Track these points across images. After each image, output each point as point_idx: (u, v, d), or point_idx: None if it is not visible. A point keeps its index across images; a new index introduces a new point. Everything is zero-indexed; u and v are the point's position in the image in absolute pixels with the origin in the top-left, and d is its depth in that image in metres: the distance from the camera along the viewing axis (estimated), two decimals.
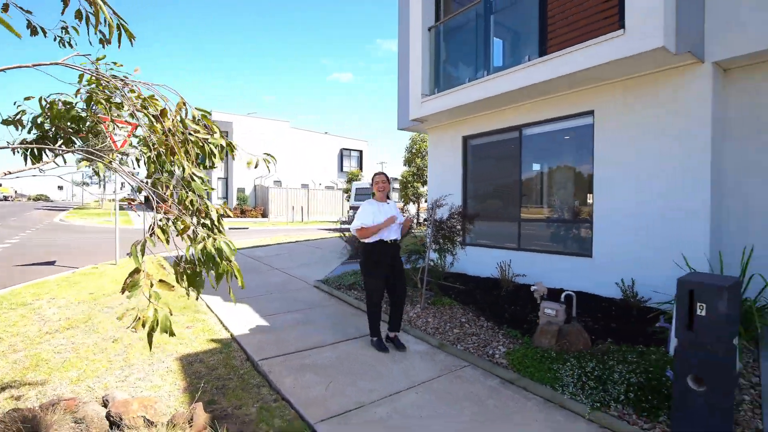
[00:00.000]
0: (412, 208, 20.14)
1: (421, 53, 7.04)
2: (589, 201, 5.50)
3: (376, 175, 4.15)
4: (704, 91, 4.38)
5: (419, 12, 7.07)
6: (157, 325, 1.32)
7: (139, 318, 1.31)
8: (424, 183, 19.23)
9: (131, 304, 5.59)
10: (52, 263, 8.88)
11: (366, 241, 3.98)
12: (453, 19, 6.87)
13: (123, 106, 2.28)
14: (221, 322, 4.85)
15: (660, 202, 4.71)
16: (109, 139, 2.75)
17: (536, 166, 6.42)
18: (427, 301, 5.28)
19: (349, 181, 28.24)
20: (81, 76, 2.32)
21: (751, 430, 2.58)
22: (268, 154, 2.39)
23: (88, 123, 2.41)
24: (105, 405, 2.88)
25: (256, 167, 2.46)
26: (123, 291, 1.47)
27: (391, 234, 4.00)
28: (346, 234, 10.26)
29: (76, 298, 5.86)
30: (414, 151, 20.10)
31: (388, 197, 4.23)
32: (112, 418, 2.66)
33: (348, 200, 25.15)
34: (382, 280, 4.01)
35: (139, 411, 2.68)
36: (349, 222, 13.57)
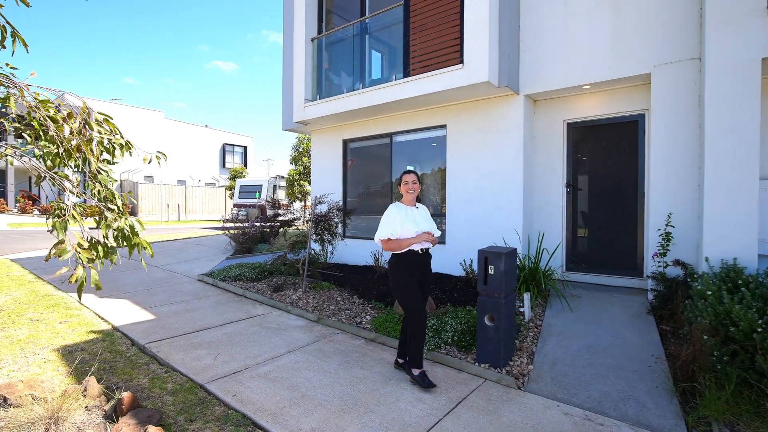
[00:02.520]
0: (298, 205, 20.43)
1: (305, 61, 7.63)
2: (445, 199, 6.73)
3: (404, 173, 3.52)
4: (518, 116, 5.84)
5: (302, 22, 7.65)
6: (86, 281, 1.74)
7: (72, 274, 1.72)
8: (311, 182, 19.69)
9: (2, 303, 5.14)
10: None
11: (394, 251, 3.32)
12: (334, 33, 7.61)
13: (7, 102, 2.47)
14: (99, 316, 4.83)
15: (490, 201, 6.09)
16: None
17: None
18: (309, 286, 5.93)
19: (233, 178, 27.19)
20: None
21: (528, 353, 3.80)
22: (160, 152, 2.80)
23: None
24: None
25: (149, 163, 2.84)
26: (47, 260, 1.84)
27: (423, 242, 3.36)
28: (231, 231, 10.30)
29: None
30: (301, 150, 20.43)
31: (417, 200, 3.64)
32: None
33: (231, 198, 24.30)
34: (419, 289, 3.30)
35: (25, 390, 2.81)
36: (234, 221, 13.31)
